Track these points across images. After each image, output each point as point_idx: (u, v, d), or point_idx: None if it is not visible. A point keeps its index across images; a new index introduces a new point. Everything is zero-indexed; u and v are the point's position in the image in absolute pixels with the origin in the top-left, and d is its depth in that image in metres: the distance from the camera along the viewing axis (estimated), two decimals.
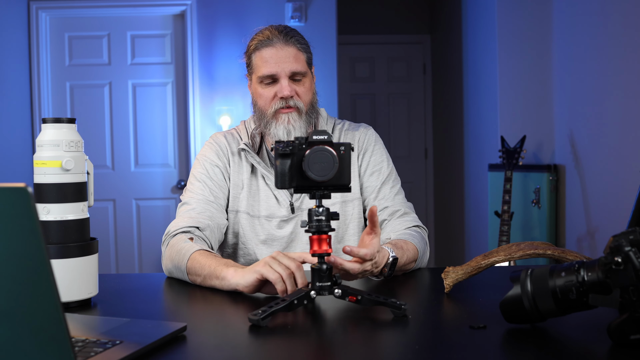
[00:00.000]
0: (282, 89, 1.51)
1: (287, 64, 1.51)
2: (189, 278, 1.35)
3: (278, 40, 1.52)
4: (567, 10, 3.14)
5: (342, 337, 0.99)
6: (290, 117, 1.52)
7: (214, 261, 1.30)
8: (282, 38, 1.52)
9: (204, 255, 1.33)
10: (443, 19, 5.01)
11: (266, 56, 1.51)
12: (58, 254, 1.12)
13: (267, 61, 1.51)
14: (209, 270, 1.28)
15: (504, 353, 0.90)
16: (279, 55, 1.51)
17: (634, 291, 0.82)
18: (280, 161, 1.07)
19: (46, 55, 3.96)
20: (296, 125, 1.52)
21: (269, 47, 1.52)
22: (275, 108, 1.52)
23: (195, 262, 1.33)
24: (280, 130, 1.52)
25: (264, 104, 1.55)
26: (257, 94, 1.56)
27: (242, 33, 3.90)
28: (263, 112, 1.55)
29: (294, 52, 1.52)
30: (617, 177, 2.63)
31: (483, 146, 3.83)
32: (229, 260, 1.32)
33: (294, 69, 1.52)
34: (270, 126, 1.54)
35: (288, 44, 1.52)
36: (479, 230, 3.95)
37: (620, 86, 2.60)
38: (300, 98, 1.53)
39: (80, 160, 1.17)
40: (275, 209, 1.58)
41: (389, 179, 1.62)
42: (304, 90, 1.54)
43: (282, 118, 1.52)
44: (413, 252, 1.43)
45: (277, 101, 1.52)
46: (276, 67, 1.51)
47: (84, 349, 0.84)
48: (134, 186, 4.04)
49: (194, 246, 1.37)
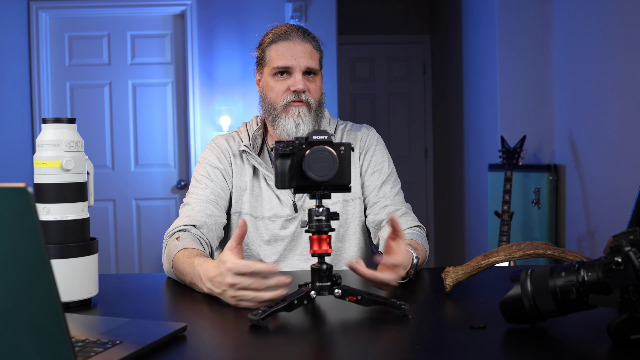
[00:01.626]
0: (296, 83, 1.52)
1: (302, 58, 1.53)
2: (180, 280, 1.35)
3: (296, 36, 1.54)
4: (567, 10, 3.14)
5: (342, 337, 0.99)
6: (301, 110, 1.53)
7: (191, 268, 1.25)
8: (300, 34, 1.55)
9: (186, 256, 1.30)
10: (443, 19, 5.01)
11: (283, 49, 1.53)
12: (58, 254, 1.12)
13: (284, 54, 1.53)
14: (189, 279, 1.26)
15: (504, 353, 0.90)
16: (296, 49, 1.53)
17: (634, 291, 0.82)
18: (280, 161, 1.07)
19: (46, 55, 3.96)
20: (305, 119, 1.53)
21: (286, 40, 1.54)
22: (286, 101, 1.53)
23: (178, 263, 1.32)
24: (289, 124, 1.53)
25: (275, 96, 1.55)
26: (269, 87, 1.56)
27: (242, 33, 3.91)
28: (273, 106, 1.55)
29: (310, 48, 1.55)
30: (617, 177, 2.63)
31: (483, 146, 3.83)
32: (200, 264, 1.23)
33: (309, 65, 1.53)
34: (279, 119, 1.54)
35: (305, 40, 1.55)
36: (479, 230, 3.95)
37: (620, 86, 2.60)
38: (311, 94, 1.55)
39: (80, 160, 1.17)
40: (278, 209, 1.58)
41: (390, 179, 1.63)
42: (315, 87, 1.56)
43: (292, 111, 1.53)
44: (425, 252, 1.45)
45: (289, 94, 1.53)
46: (292, 60, 1.52)
47: (84, 349, 0.84)
48: (134, 186, 4.04)
49: (177, 246, 1.36)
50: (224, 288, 1.12)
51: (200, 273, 1.21)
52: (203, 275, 1.19)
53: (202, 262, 1.23)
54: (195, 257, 1.27)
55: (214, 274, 1.14)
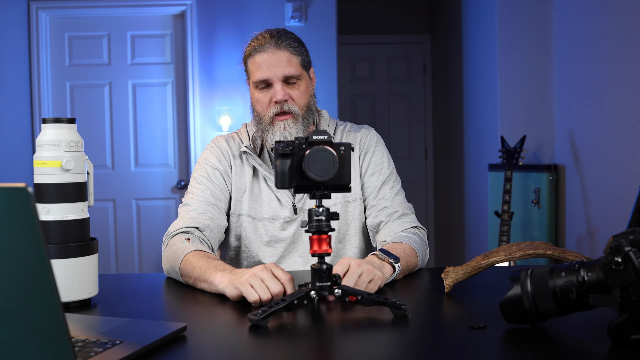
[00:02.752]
0: (276, 93, 1.52)
1: (279, 68, 1.51)
2: (183, 279, 1.36)
3: (270, 46, 1.52)
4: (567, 10, 3.14)
5: (342, 337, 0.99)
6: (286, 124, 1.54)
7: (205, 263, 1.29)
8: (274, 43, 1.53)
9: (197, 256, 1.33)
10: (443, 19, 5.01)
11: (259, 61, 1.53)
12: (58, 254, 1.12)
13: (260, 66, 1.52)
14: (199, 272, 1.29)
15: (504, 353, 0.90)
16: (271, 60, 1.52)
17: (634, 291, 0.82)
18: (280, 161, 1.07)
19: (46, 55, 3.96)
20: (292, 131, 1.54)
21: (261, 52, 1.53)
22: (271, 114, 1.53)
23: (187, 263, 1.33)
24: (276, 137, 1.54)
25: (261, 109, 1.56)
26: (255, 100, 1.57)
27: (242, 33, 3.91)
28: (261, 118, 1.57)
29: (286, 56, 1.53)
30: (617, 177, 2.63)
31: (483, 146, 3.83)
32: (219, 262, 1.30)
33: (286, 73, 1.52)
34: (267, 132, 1.56)
35: (280, 48, 1.52)
36: (479, 230, 3.95)
37: (620, 86, 2.60)
38: (294, 102, 1.54)
39: (80, 160, 1.17)
40: (278, 210, 1.58)
41: (389, 180, 1.63)
42: (298, 94, 1.55)
43: (278, 125, 1.54)
44: (411, 250, 1.43)
45: (273, 106, 1.53)
46: (269, 72, 1.52)
47: (84, 349, 0.84)
48: (134, 186, 4.04)
49: (189, 247, 1.37)
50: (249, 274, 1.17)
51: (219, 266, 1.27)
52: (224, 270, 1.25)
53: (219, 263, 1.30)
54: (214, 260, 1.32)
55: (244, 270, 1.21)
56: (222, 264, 1.29)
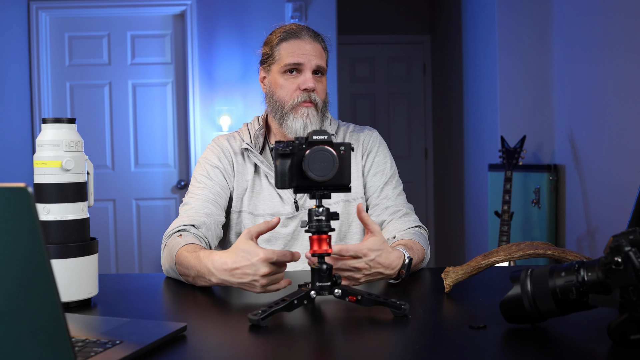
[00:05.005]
0: (306, 81, 1.53)
1: (313, 57, 1.54)
2: (182, 278, 1.35)
3: (307, 35, 1.56)
4: (567, 10, 3.14)
5: (342, 337, 0.99)
6: (310, 111, 1.54)
7: (197, 261, 1.27)
8: (311, 33, 1.57)
9: (190, 251, 1.31)
10: (443, 19, 5.01)
11: (294, 47, 1.54)
12: (58, 254, 1.12)
13: (295, 51, 1.54)
14: (195, 272, 1.27)
15: (504, 353, 0.90)
16: (307, 47, 1.54)
17: (634, 291, 0.82)
18: (280, 161, 1.07)
19: (46, 55, 3.96)
20: (313, 120, 1.54)
21: (297, 38, 1.55)
22: (297, 101, 1.53)
23: (182, 258, 1.32)
24: (298, 124, 1.53)
25: (284, 95, 1.55)
26: (277, 85, 1.56)
27: (242, 33, 3.91)
28: (281, 104, 1.55)
29: (320, 48, 1.57)
30: (617, 177, 2.63)
31: (483, 146, 3.83)
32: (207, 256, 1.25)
33: (319, 64, 1.55)
34: (287, 118, 1.54)
35: (316, 40, 1.57)
36: (479, 230, 3.95)
37: (620, 86, 2.60)
38: (318, 94, 1.55)
39: (80, 160, 1.17)
40: (279, 207, 1.59)
41: (392, 180, 1.63)
42: (322, 87, 1.57)
43: (301, 111, 1.53)
44: (422, 252, 1.44)
45: (299, 94, 1.53)
46: (303, 58, 1.53)
47: (84, 349, 0.84)
48: (134, 186, 4.04)
49: (180, 242, 1.37)
50: (255, 278, 1.14)
51: (208, 265, 1.22)
52: (215, 266, 1.20)
53: (208, 254, 1.25)
54: (200, 251, 1.29)
55: (240, 264, 1.15)
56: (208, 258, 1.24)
